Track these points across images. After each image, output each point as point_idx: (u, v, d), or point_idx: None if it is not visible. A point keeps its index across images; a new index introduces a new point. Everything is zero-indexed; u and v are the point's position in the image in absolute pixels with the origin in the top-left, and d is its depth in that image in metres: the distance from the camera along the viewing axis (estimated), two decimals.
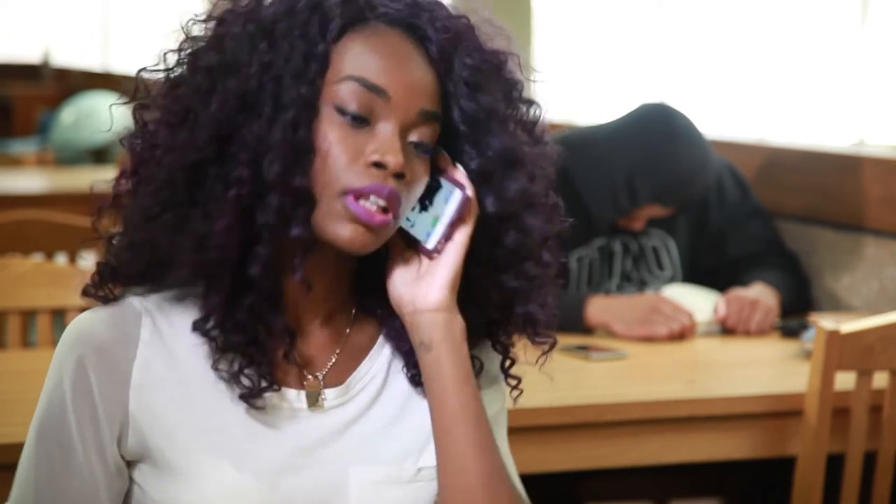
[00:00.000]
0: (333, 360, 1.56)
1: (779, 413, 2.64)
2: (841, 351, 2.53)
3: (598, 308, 3.07)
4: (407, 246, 1.54)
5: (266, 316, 1.48)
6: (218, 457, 1.48)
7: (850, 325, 2.55)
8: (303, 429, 1.52)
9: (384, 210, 1.46)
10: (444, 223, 1.51)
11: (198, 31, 1.50)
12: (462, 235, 1.52)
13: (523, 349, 1.61)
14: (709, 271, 3.43)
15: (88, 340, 1.49)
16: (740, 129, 4.44)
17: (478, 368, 1.58)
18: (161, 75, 1.51)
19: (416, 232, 1.52)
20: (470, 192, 1.51)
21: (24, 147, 7.34)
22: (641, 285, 3.39)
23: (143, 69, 1.52)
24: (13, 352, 2.90)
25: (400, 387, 1.57)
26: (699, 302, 3.19)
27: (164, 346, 1.50)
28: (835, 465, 2.61)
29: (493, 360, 1.61)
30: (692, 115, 3.33)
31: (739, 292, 3.20)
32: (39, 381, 2.60)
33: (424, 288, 1.52)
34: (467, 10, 1.56)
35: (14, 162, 6.26)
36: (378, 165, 1.46)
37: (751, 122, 4.52)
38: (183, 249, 1.46)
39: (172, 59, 1.50)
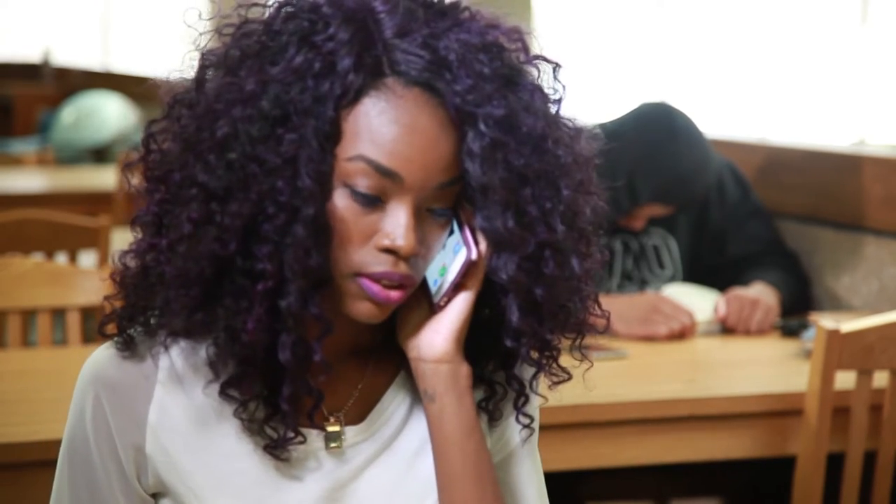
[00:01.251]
0: (355, 397, 1.52)
1: (779, 412, 2.64)
2: (841, 350, 2.53)
3: None
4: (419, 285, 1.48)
5: (294, 381, 1.43)
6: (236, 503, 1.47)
7: (850, 324, 2.55)
8: (322, 470, 1.49)
9: (399, 286, 1.42)
10: (448, 280, 1.44)
11: (209, 82, 1.42)
12: (468, 292, 1.46)
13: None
14: (709, 270, 3.43)
15: (104, 379, 1.47)
16: (741, 129, 4.44)
17: (500, 395, 1.53)
18: (172, 128, 1.44)
19: (428, 273, 1.46)
20: (475, 255, 1.43)
21: (25, 146, 7.35)
22: (642, 284, 3.39)
23: (154, 120, 1.46)
24: (13, 351, 2.90)
25: (423, 423, 1.51)
26: (699, 301, 3.19)
27: (181, 386, 1.47)
28: (835, 464, 2.61)
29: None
30: (693, 114, 3.33)
31: (740, 292, 3.20)
32: (40, 381, 2.61)
33: (430, 335, 1.47)
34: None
35: (14, 161, 6.26)
36: (390, 251, 1.41)
37: (751, 121, 4.52)
38: (215, 340, 1.42)
39: (185, 116, 1.42)
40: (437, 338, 1.46)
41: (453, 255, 1.44)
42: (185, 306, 1.41)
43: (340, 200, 1.40)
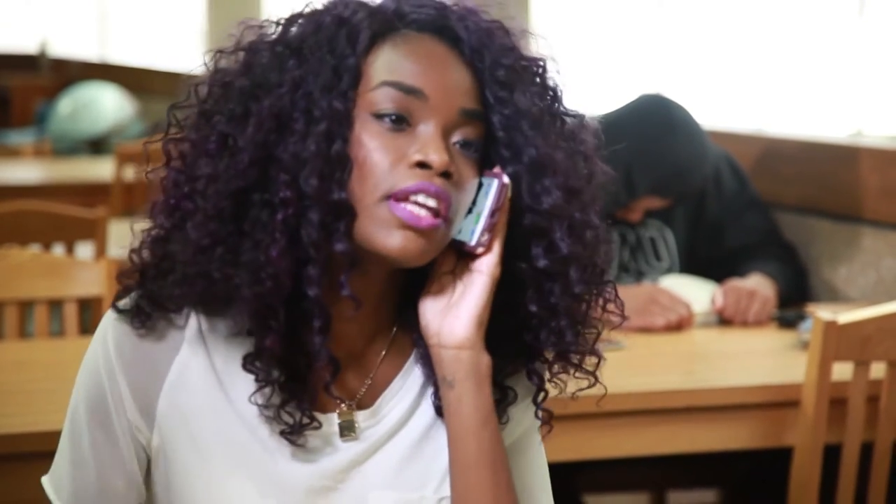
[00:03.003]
0: (367, 385, 1.52)
1: (776, 403, 2.64)
2: (838, 341, 2.53)
3: None
4: (454, 262, 1.48)
5: (314, 346, 1.44)
6: (241, 475, 1.47)
7: (847, 315, 2.56)
8: (332, 453, 1.50)
9: (433, 212, 1.42)
10: (485, 215, 1.45)
11: (225, 62, 1.47)
12: (486, 277, 1.46)
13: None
14: (706, 262, 3.43)
15: (129, 331, 1.48)
16: (738, 120, 4.44)
17: (511, 398, 1.54)
18: (192, 108, 1.47)
19: (463, 235, 1.46)
20: (507, 178, 1.45)
21: (22, 138, 7.35)
22: (639, 276, 3.39)
23: (175, 105, 1.48)
24: (10, 342, 2.91)
25: (429, 411, 1.53)
26: (697, 293, 3.19)
27: (205, 348, 1.48)
28: (832, 455, 2.61)
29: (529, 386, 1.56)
30: (690, 106, 3.33)
31: (737, 283, 3.20)
32: (37, 372, 2.62)
33: (451, 321, 1.47)
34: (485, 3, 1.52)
35: (11, 152, 6.26)
36: (422, 165, 1.42)
37: (748, 112, 4.52)
38: (240, 282, 1.41)
39: (203, 90, 1.47)
40: (458, 323, 1.47)
41: (485, 198, 1.46)
42: (207, 236, 1.41)
43: (367, 129, 1.43)
